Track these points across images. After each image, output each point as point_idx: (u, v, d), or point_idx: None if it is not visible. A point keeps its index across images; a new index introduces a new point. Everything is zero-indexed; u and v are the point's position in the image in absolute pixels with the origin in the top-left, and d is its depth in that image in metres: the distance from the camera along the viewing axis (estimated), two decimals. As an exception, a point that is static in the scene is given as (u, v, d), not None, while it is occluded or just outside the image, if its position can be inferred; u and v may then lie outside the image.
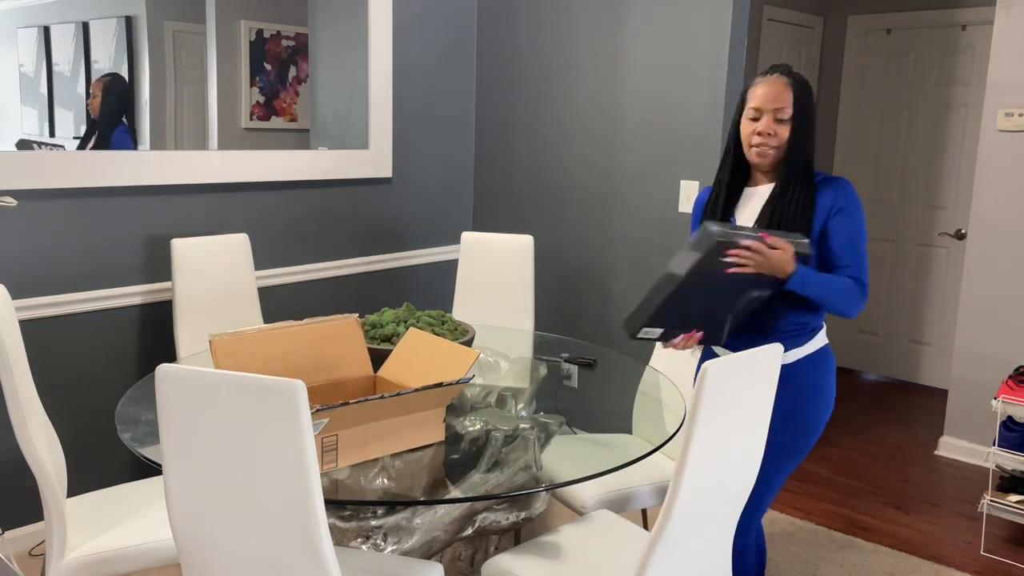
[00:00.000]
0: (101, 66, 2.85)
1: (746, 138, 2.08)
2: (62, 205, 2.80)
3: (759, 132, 2.05)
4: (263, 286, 3.36)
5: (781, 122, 2.04)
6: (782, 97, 2.03)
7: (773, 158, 2.06)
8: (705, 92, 3.34)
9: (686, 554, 1.72)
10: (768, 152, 2.05)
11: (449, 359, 2.03)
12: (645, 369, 2.67)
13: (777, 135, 2.04)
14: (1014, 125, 3.69)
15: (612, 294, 3.72)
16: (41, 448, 1.95)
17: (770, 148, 2.05)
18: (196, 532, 1.56)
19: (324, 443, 1.78)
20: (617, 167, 3.64)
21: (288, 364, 2.03)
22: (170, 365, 1.47)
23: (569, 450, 2.03)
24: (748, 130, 2.08)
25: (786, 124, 2.03)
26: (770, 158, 2.06)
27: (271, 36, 3.30)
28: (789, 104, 2.02)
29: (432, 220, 4.00)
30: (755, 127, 2.06)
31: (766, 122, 2.04)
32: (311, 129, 3.47)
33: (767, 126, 2.04)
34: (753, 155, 2.07)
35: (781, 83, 2.04)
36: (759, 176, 2.15)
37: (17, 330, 2.03)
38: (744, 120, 2.10)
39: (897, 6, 4.98)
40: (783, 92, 2.03)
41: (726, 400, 1.61)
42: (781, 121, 2.04)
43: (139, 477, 3.12)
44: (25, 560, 2.82)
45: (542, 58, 3.85)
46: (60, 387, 2.87)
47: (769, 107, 2.03)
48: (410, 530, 2.19)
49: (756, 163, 2.09)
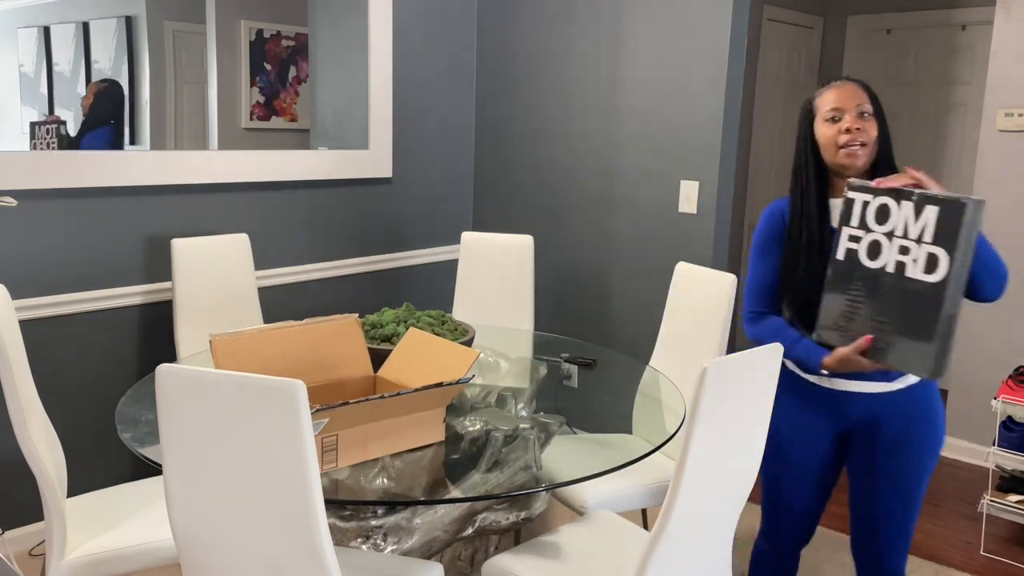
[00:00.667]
0: (101, 66, 2.85)
1: (828, 141, 1.94)
2: (62, 205, 2.80)
3: (847, 129, 1.90)
4: (263, 286, 3.36)
5: (865, 118, 1.92)
6: (859, 95, 1.93)
7: (864, 159, 1.92)
8: (705, 92, 3.34)
9: (686, 554, 1.72)
10: (858, 151, 1.90)
11: (449, 359, 2.03)
12: (645, 369, 2.67)
13: (866, 131, 1.91)
14: (1014, 125, 3.69)
15: (612, 294, 3.72)
16: (41, 448, 1.95)
17: (860, 146, 1.90)
18: (196, 532, 1.56)
19: (324, 443, 1.78)
20: (617, 167, 3.64)
21: (288, 364, 2.03)
22: (170, 365, 1.47)
23: (569, 450, 2.03)
24: (830, 132, 1.94)
25: (871, 120, 1.92)
26: (861, 159, 1.91)
27: (271, 36, 3.30)
28: (868, 102, 1.93)
29: (432, 220, 4.00)
30: (839, 126, 1.92)
31: (851, 119, 1.91)
32: (311, 129, 3.47)
33: (853, 122, 1.91)
34: (842, 156, 1.92)
35: (852, 85, 1.95)
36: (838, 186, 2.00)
37: (17, 330, 2.03)
38: (820, 125, 1.96)
39: (897, 6, 4.98)
40: (857, 91, 1.94)
41: (726, 400, 1.61)
42: (865, 116, 1.92)
43: (139, 477, 3.12)
44: (25, 560, 2.82)
45: (542, 58, 3.85)
46: (60, 387, 2.87)
47: (850, 104, 1.92)
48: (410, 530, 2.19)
49: (845, 165, 1.92)
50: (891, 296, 1.76)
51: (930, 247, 1.70)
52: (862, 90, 1.94)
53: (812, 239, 1.96)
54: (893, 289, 1.76)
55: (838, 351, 1.86)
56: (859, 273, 1.82)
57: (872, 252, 1.79)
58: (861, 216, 1.80)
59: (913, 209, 1.73)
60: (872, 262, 1.79)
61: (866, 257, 1.80)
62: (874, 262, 1.79)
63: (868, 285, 1.80)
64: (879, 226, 1.78)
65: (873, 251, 1.79)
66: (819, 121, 1.97)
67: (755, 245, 2.08)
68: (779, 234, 2.05)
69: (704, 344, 2.62)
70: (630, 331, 3.67)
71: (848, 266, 1.83)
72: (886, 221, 1.77)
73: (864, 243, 1.80)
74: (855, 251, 1.82)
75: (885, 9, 5.03)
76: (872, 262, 1.79)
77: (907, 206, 1.74)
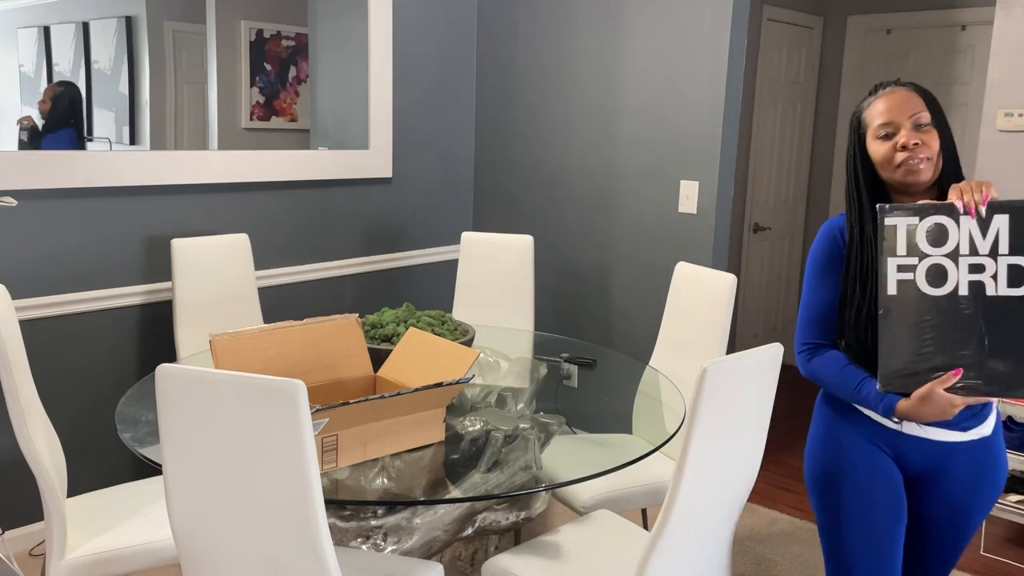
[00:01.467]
0: (101, 66, 2.85)
1: (884, 159, 1.71)
2: (62, 205, 2.80)
3: (903, 146, 1.68)
4: (263, 286, 3.36)
5: (923, 129, 1.69)
6: (913, 103, 1.70)
7: (927, 174, 1.69)
8: (705, 92, 3.34)
9: (686, 554, 1.72)
10: (919, 167, 1.68)
11: (449, 359, 2.03)
12: (645, 369, 2.67)
13: (925, 144, 1.68)
14: (1014, 125, 3.69)
15: (612, 294, 3.72)
16: (41, 448, 1.95)
17: (921, 161, 1.68)
18: (196, 532, 1.56)
19: (324, 443, 1.78)
20: (617, 167, 3.64)
21: (288, 364, 2.03)
22: (170, 365, 1.47)
23: (569, 450, 2.03)
24: (884, 150, 1.71)
25: (930, 130, 1.70)
26: (925, 173, 1.68)
27: (271, 36, 3.29)
28: (924, 109, 1.70)
29: (432, 220, 4.00)
30: (894, 143, 1.70)
31: (907, 133, 1.69)
32: (311, 129, 3.47)
33: (909, 136, 1.68)
34: (901, 175, 1.69)
35: (903, 91, 1.72)
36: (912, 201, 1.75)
37: (17, 330, 2.03)
38: (872, 143, 1.74)
39: (897, 6, 4.98)
40: (911, 98, 1.71)
41: (726, 400, 1.61)
42: (923, 128, 1.69)
43: (139, 477, 3.12)
44: (25, 560, 2.82)
45: (542, 58, 3.85)
46: (60, 387, 2.87)
47: (903, 117, 1.70)
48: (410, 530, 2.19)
49: (907, 184, 1.70)
50: (971, 322, 1.59)
51: (1010, 258, 1.56)
52: (916, 95, 1.72)
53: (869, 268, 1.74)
54: (973, 314, 1.59)
55: (918, 391, 1.62)
56: (923, 304, 1.61)
57: (935, 278, 1.60)
58: (909, 241, 1.60)
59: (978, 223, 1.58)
60: (937, 289, 1.60)
61: (928, 285, 1.60)
62: (940, 289, 1.60)
63: (939, 315, 1.60)
64: (936, 248, 1.59)
65: (936, 277, 1.60)
66: (870, 138, 1.75)
67: (810, 267, 1.84)
68: (839, 254, 1.80)
69: (704, 344, 2.62)
70: (630, 331, 3.67)
71: (906, 300, 1.61)
72: (945, 241, 1.59)
73: (921, 270, 1.60)
74: (911, 281, 1.61)
75: (885, 9, 5.03)
76: (937, 289, 1.60)
77: (968, 220, 1.58)
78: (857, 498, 1.78)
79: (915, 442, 1.76)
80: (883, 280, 1.62)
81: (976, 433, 1.75)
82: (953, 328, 1.59)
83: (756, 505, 3.40)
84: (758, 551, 3.03)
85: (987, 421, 1.77)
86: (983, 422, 1.76)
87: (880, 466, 1.78)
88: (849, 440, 1.80)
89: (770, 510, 3.37)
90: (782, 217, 5.26)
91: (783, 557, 2.99)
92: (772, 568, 2.91)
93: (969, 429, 1.74)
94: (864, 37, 5.14)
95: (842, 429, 1.82)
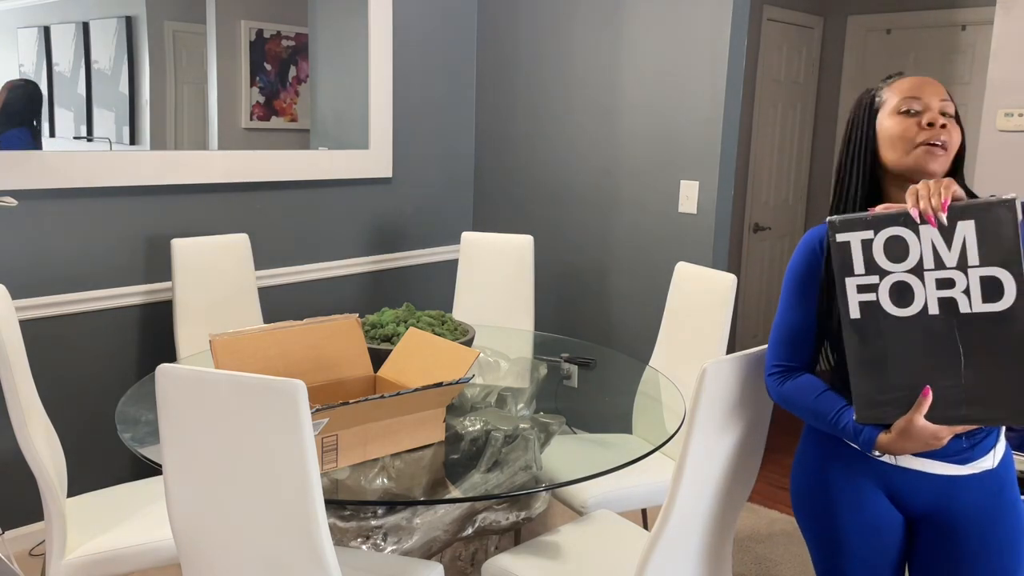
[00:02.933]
0: (101, 66, 2.85)
1: (899, 135, 1.52)
2: (62, 205, 2.80)
3: (930, 123, 1.50)
4: (263, 286, 3.36)
5: (948, 117, 1.53)
6: (942, 91, 1.54)
7: (942, 162, 1.51)
8: (705, 92, 3.34)
9: (686, 554, 1.72)
10: (938, 152, 1.50)
11: (449, 359, 2.03)
12: (645, 369, 2.67)
13: (949, 131, 1.51)
14: (1014, 125, 3.69)
15: (612, 294, 3.72)
16: (41, 448, 1.95)
17: (943, 146, 1.50)
18: (196, 532, 1.56)
19: (324, 443, 1.78)
20: (617, 167, 3.64)
21: (288, 364, 2.03)
22: (170, 365, 1.47)
23: (569, 450, 2.03)
24: (904, 125, 1.52)
25: (955, 125, 1.53)
26: (939, 161, 1.51)
27: (271, 36, 3.29)
28: (951, 101, 1.54)
29: (432, 220, 4.00)
30: (918, 119, 1.52)
31: (935, 114, 1.51)
32: (311, 129, 3.47)
33: (938, 116, 1.51)
34: (919, 154, 1.50)
35: (932, 80, 1.56)
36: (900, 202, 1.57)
37: (17, 330, 2.03)
38: (890, 118, 1.55)
39: (897, 6, 4.98)
40: (940, 87, 1.55)
41: (726, 400, 1.61)
42: (948, 116, 1.53)
43: (139, 477, 3.12)
44: (25, 560, 2.82)
45: (542, 58, 3.85)
46: (60, 387, 2.87)
47: (934, 98, 1.53)
48: (410, 530, 2.19)
49: (920, 166, 1.51)
50: (946, 343, 1.40)
51: (982, 270, 1.35)
52: (943, 88, 1.56)
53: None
54: (945, 335, 1.40)
55: (897, 424, 1.44)
56: (892, 327, 1.42)
57: (900, 297, 1.41)
58: (866, 258, 1.41)
59: (940, 232, 1.37)
60: (904, 309, 1.41)
61: (893, 306, 1.41)
62: (907, 309, 1.41)
63: (910, 338, 1.41)
64: (897, 264, 1.40)
65: (901, 295, 1.41)
66: (886, 114, 1.55)
67: (786, 282, 1.64)
68: (818, 269, 1.60)
69: (704, 344, 2.62)
70: (630, 331, 3.67)
71: (871, 324, 1.43)
72: (906, 256, 1.39)
73: (884, 289, 1.41)
74: (873, 303, 1.42)
75: (885, 9, 5.03)
76: (904, 309, 1.41)
77: (928, 230, 1.38)
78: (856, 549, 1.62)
79: (912, 476, 1.56)
80: (844, 303, 1.43)
81: (977, 466, 1.54)
82: (928, 351, 1.41)
83: (756, 505, 3.40)
84: (758, 551, 3.03)
85: (990, 453, 1.55)
86: (985, 454, 1.54)
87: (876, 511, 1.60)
88: (839, 479, 1.61)
89: (770, 510, 3.36)
90: (782, 217, 5.26)
91: (783, 557, 2.99)
92: (772, 568, 2.91)
93: (968, 462, 1.54)
94: (864, 37, 5.14)
95: (830, 465, 1.63)
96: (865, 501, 1.60)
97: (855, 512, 1.61)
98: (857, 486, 1.60)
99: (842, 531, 1.63)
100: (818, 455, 1.65)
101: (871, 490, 1.60)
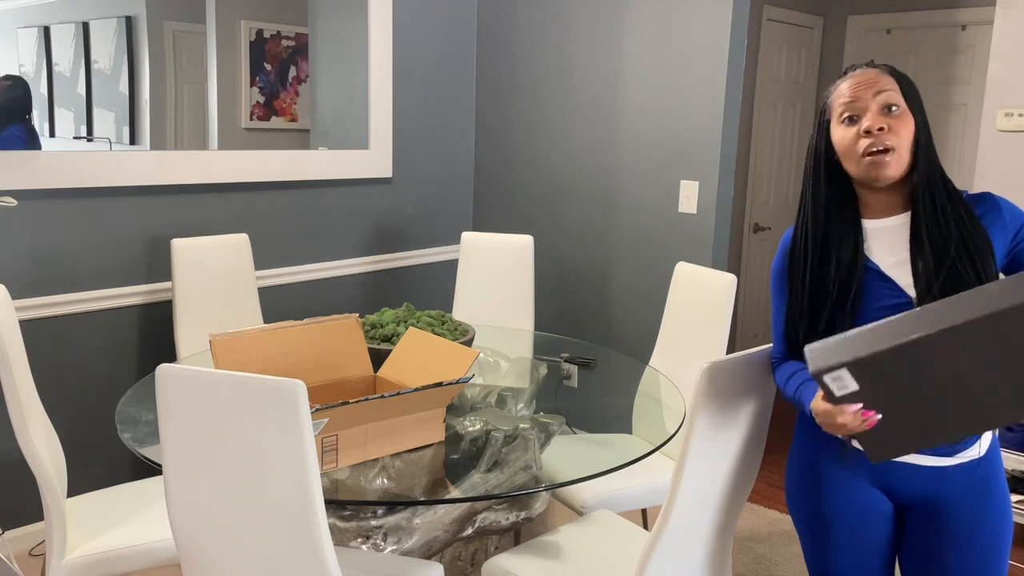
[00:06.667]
0: (101, 66, 2.85)
1: (847, 148, 1.52)
2: (62, 205, 2.80)
3: (867, 130, 1.48)
4: (263, 286, 3.36)
5: (892, 114, 1.48)
6: (881, 83, 1.49)
7: (894, 167, 1.49)
8: (705, 92, 3.34)
9: (686, 554, 1.72)
10: (886, 159, 1.47)
11: (449, 359, 2.03)
12: (645, 369, 2.67)
13: (893, 130, 1.47)
14: (1014, 125, 3.69)
15: (612, 294, 3.72)
16: (41, 448, 1.95)
17: (887, 149, 1.48)
18: (196, 532, 1.56)
19: (324, 443, 1.78)
20: (617, 167, 3.64)
21: (288, 364, 2.03)
22: (170, 365, 1.47)
23: (569, 450, 2.03)
24: (847, 136, 1.51)
25: (901, 116, 1.49)
26: (890, 167, 1.48)
27: (271, 36, 3.29)
28: (896, 90, 1.49)
29: (432, 220, 4.00)
30: (857, 128, 1.50)
31: (872, 117, 1.48)
32: (311, 129, 3.47)
33: (875, 120, 1.47)
34: (865, 166, 1.49)
35: (873, 72, 1.51)
36: (873, 205, 1.57)
37: (17, 330, 2.03)
38: (836, 129, 1.54)
39: (897, 6, 4.98)
40: (880, 78, 1.50)
41: (726, 400, 1.61)
42: (891, 113, 1.48)
43: (139, 477, 3.12)
44: (25, 560, 2.82)
45: (542, 58, 3.85)
46: (60, 387, 2.87)
47: (868, 94, 1.49)
48: (410, 530, 2.19)
49: (872, 177, 1.50)
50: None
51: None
52: (887, 75, 1.51)
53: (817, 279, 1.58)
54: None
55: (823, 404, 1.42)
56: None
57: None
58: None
59: None
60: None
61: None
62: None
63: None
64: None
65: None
66: (834, 124, 1.55)
67: (772, 282, 1.70)
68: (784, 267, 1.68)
69: (704, 344, 2.62)
70: (630, 331, 3.67)
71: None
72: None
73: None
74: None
75: (885, 9, 5.03)
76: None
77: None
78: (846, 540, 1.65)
79: (901, 468, 1.59)
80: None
81: (964, 456, 1.57)
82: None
83: (756, 505, 3.40)
84: (758, 551, 3.03)
85: (975, 444, 1.57)
86: (971, 446, 1.56)
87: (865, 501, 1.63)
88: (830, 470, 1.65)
89: (770, 510, 3.36)
90: (782, 217, 5.26)
91: (783, 557, 2.99)
92: (772, 568, 2.91)
93: (954, 454, 1.56)
94: (864, 37, 5.14)
95: (821, 456, 1.66)
96: (855, 491, 1.63)
97: (845, 502, 1.64)
98: (847, 476, 1.63)
99: (832, 520, 1.65)
100: (810, 448, 1.68)
101: (861, 481, 1.63)
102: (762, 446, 1.79)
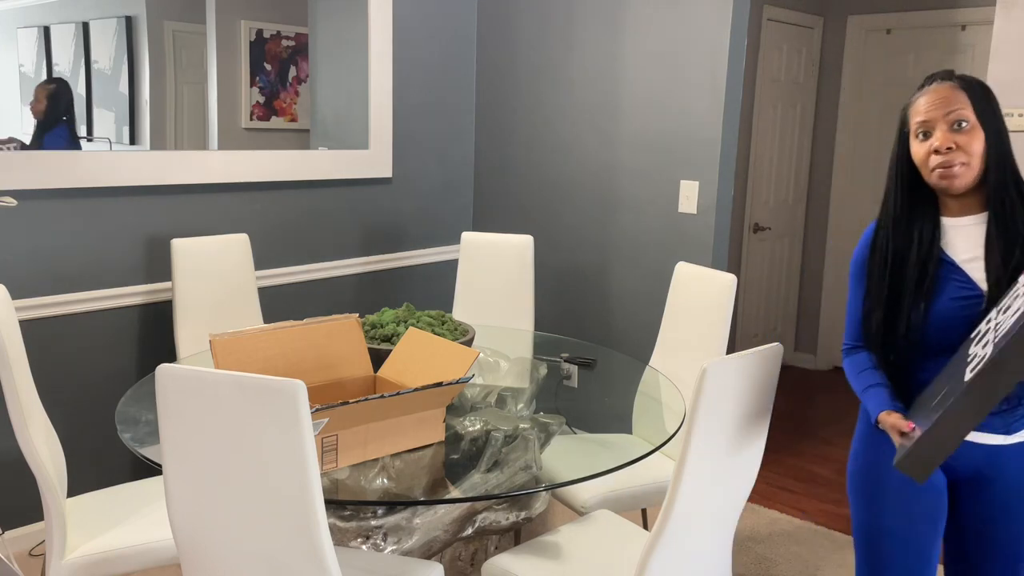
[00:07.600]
0: (101, 66, 2.85)
1: (921, 161, 1.66)
2: (62, 205, 2.80)
3: (936, 150, 1.61)
4: (263, 286, 3.36)
5: (962, 130, 1.61)
6: (953, 100, 1.61)
7: (965, 178, 1.62)
8: (705, 92, 3.34)
9: (686, 554, 1.72)
10: (955, 172, 1.61)
11: (449, 359, 2.03)
12: (645, 369, 2.67)
13: (961, 148, 1.61)
14: (1014, 125, 3.68)
15: (612, 294, 3.72)
16: (41, 448, 1.95)
17: (956, 166, 1.61)
18: (196, 532, 1.56)
19: (324, 443, 1.78)
20: (617, 167, 3.64)
21: (288, 364, 2.03)
22: (170, 365, 1.47)
23: (569, 450, 2.03)
24: (922, 152, 1.65)
25: (970, 132, 1.61)
26: (960, 179, 1.62)
27: (271, 36, 3.29)
28: (967, 106, 1.61)
29: (432, 220, 4.00)
30: (928, 144, 1.63)
31: (942, 135, 1.61)
32: (311, 129, 3.47)
33: (944, 139, 1.61)
34: (936, 179, 1.63)
35: (947, 87, 1.63)
36: (951, 205, 1.70)
37: (17, 330, 2.03)
38: (914, 143, 1.67)
39: (897, 6, 4.98)
40: (953, 94, 1.62)
41: (726, 400, 1.61)
42: (961, 129, 1.61)
43: (139, 477, 3.12)
44: (25, 560, 2.82)
45: (542, 57, 3.85)
46: (60, 387, 2.87)
47: (939, 113, 1.61)
48: (410, 530, 2.19)
49: (942, 188, 1.64)
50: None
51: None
52: (960, 91, 1.63)
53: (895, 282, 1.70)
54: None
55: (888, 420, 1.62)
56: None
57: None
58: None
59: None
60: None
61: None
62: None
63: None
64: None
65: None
66: (911, 136, 1.68)
67: (851, 270, 1.82)
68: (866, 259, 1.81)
69: (704, 344, 2.62)
70: (630, 331, 3.67)
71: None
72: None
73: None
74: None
75: (885, 9, 5.03)
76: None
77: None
78: (897, 509, 1.74)
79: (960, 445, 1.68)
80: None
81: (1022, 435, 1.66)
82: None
83: (756, 505, 3.40)
84: (758, 551, 3.03)
85: None
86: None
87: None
88: (889, 445, 1.75)
89: (770, 510, 3.37)
90: (782, 217, 5.26)
91: (783, 557, 2.99)
92: (772, 568, 2.91)
93: (1012, 432, 1.65)
94: (864, 37, 5.14)
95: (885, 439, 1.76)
96: None
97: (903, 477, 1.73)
98: None
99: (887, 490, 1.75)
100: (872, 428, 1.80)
101: None
102: (762, 446, 1.79)
